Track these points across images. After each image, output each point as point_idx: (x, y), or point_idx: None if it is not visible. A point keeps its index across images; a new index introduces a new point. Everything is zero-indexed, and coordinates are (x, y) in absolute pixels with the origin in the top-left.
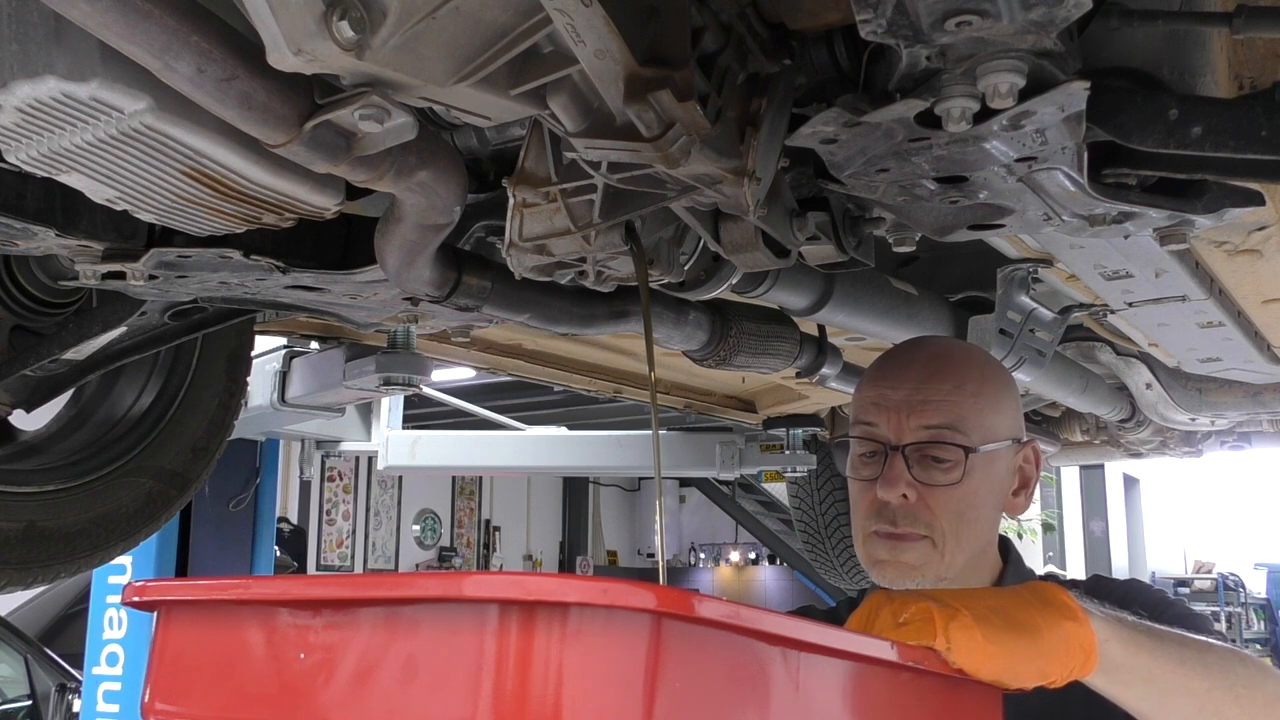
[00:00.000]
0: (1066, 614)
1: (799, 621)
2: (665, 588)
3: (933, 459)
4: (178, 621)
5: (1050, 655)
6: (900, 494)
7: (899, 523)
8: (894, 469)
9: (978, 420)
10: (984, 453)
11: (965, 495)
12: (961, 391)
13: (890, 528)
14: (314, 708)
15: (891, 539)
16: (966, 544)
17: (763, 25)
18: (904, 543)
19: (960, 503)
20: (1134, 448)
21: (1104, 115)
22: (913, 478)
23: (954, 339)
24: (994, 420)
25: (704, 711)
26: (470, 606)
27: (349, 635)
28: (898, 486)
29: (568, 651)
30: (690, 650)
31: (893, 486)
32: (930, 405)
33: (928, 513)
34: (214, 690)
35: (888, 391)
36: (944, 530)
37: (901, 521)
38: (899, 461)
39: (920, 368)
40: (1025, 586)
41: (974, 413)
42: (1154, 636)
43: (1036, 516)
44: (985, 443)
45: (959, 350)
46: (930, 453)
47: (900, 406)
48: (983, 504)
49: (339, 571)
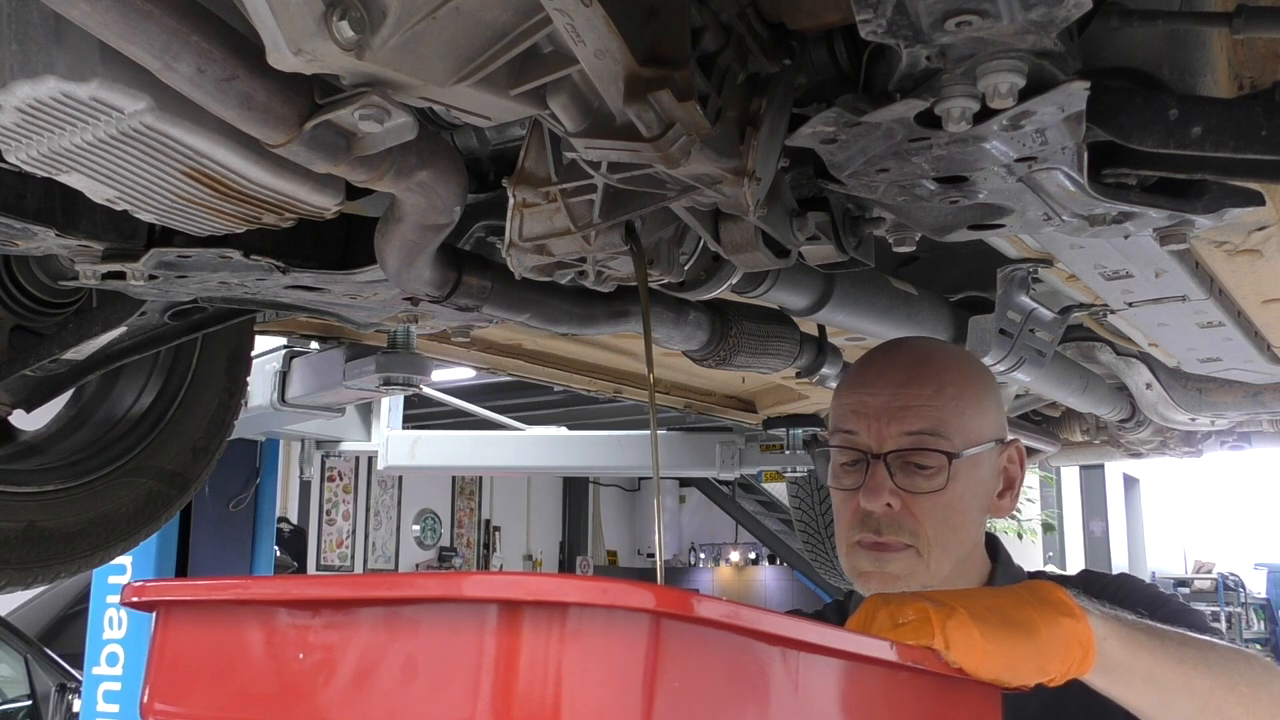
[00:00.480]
0: (1064, 611)
1: (798, 621)
2: (665, 587)
3: (915, 465)
4: (177, 621)
5: (1049, 653)
6: (884, 503)
7: (883, 532)
8: (876, 478)
9: (959, 424)
10: (967, 457)
11: (950, 501)
12: (942, 395)
13: (874, 537)
14: (313, 708)
15: (876, 549)
16: (952, 550)
17: (763, 25)
18: (888, 553)
19: (945, 509)
20: (1134, 448)
21: (1104, 115)
22: (896, 486)
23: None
24: (976, 422)
25: (703, 711)
26: (470, 606)
27: (348, 635)
28: (881, 495)
29: (567, 651)
30: (690, 650)
31: (876, 495)
32: (910, 411)
33: (912, 521)
34: (213, 690)
35: (866, 398)
36: (929, 538)
37: (886, 530)
38: (881, 470)
39: (899, 372)
40: (1022, 585)
41: (955, 416)
42: (1154, 635)
43: (1036, 516)
44: (968, 446)
45: (938, 352)
46: (913, 459)
47: (880, 413)
48: (968, 508)
49: (339, 571)
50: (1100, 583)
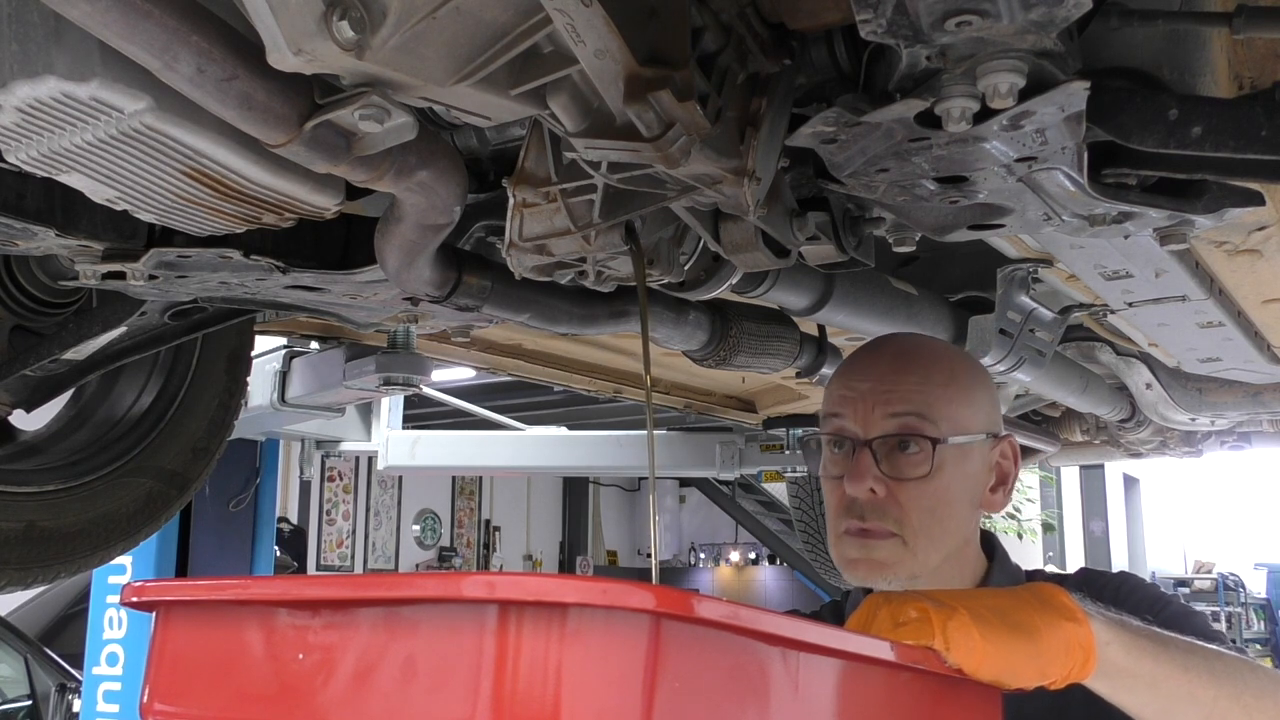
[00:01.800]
0: (1066, 615)
1: (798, 622)
2: (664, 588)
3: (901, 452)
4: (176, 622)
5: (1049, 656)
6: (868, 488)
7: (867, 518)
8: (861, 463)
9: (946, 411)
10: (954, 445)
11: (936, 490)
12: (929, 383)
13: (859, 523)
14: (313, 708)
15: (861, 535)
16: (940, 541)
17: (763, 25)
18: (873, 539)
19: (931, 498)
20: (1134, 448)
21: (1104, 115)
22: (881, 472)
23: (926, 335)
24: (964, 412)
25: (703, 712)
26: (469, 607)
27: (348, 635)
28: (865, 480)
29: (567, 652)
30: (689, 650)
31: (860, 480)
32: (896, 395)
33: (897, 508)
34: (213, 690)
35: (855, 384)
36: (914, 526)
37: (870, 516)
38: (866, 455)
39: (888, 361)
40: (1025, 588)
41: (942, 403)
42: (1158, 641)
43: (1036, 516)
44: (955, 434)
45: (928, 344)
46: (898, 446)
47: (866, 397)
48: (955, 500)
49: (339, 571)
50: (1100, 581)
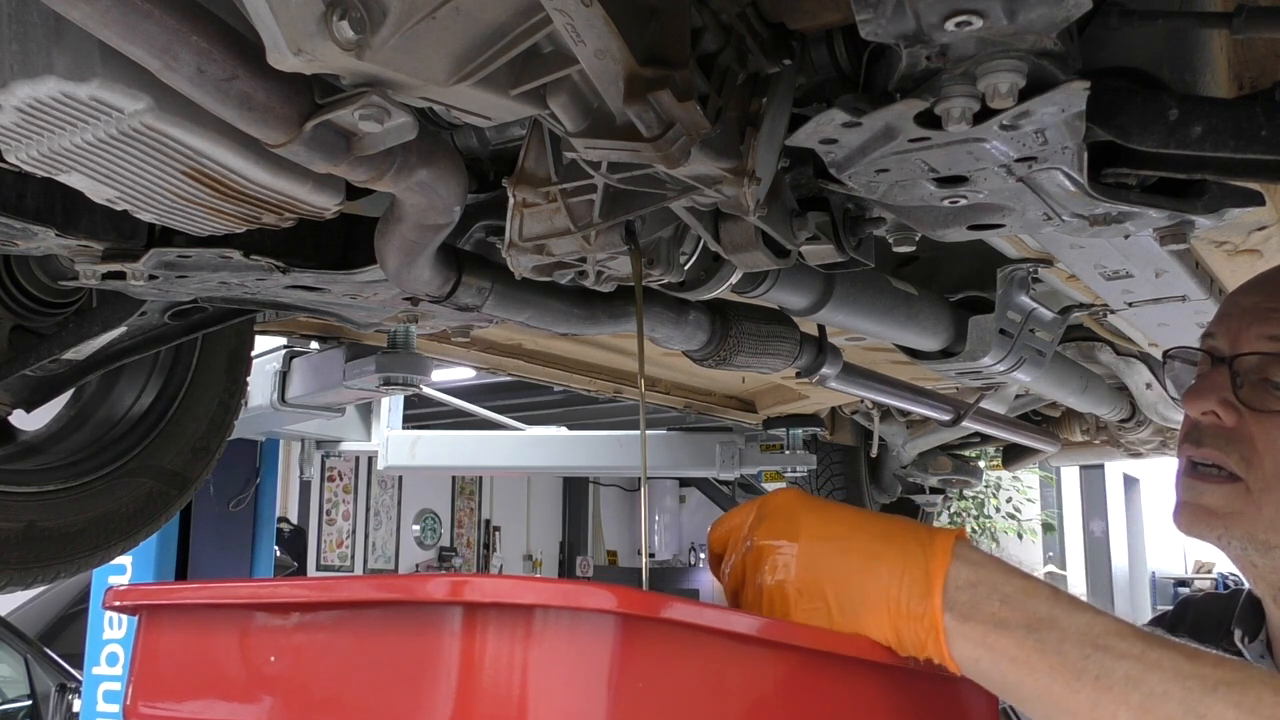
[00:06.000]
0: (922, 539)
1: (766, 621)
2: (627, 588)
3: (1272, 384)
4: (158, 625)
5: (885, 554)
6: (1210, 409)
7: (1205, 442)
8: (1211, 380)
9: None
10: None
11: None
12: None
13: (1192, 448)
14: (284, 709)
15: (1190, 474)
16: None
17: (763, 25)
18: (1204, 481)
19: None
20: (1134, 448)
21: (1104, 115)
22: (1237, 398)
23: None
24: None
25: (671, 711)
26: (435, 609)
27: (316, 637)
28: (1207, 399)
29: (531, 653)
30: (656, 651)
31: (1201, 398)
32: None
33: (1247, 446)
34: (193, 691)
35: (1239, 298)
36: (1267, 473)
37: (1208, 442)
38: (1222, 372)
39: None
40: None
41: None
42: (1063, 634)
43: (1037, 516)
44: None
45: None
46: (1271, 374)
47: (1245, 313)
48: None
49: (339, 572)
50: None
